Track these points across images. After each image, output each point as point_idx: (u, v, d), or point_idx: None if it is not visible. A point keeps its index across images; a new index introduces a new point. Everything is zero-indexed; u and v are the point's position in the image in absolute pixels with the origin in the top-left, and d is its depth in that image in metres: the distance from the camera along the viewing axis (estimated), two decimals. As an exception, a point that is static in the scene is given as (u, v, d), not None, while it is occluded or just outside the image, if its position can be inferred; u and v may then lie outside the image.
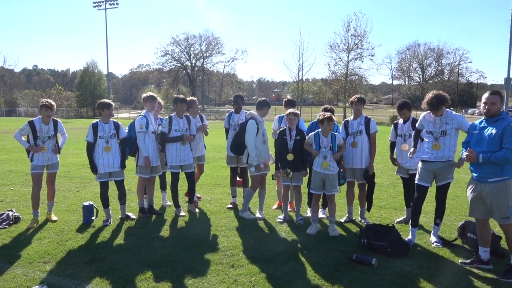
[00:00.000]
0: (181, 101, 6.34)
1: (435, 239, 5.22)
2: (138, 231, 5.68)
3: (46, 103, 5.89)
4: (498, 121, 4.19)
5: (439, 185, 5.12)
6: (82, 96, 69.74)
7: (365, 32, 50.77)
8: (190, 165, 6.48)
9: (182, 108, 6.35)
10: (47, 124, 5.94)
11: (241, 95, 7.30)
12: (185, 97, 6.62)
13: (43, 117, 5.91)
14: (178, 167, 6.40)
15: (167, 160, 6.42)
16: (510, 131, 4.04)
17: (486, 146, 4.21)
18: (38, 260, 4.63)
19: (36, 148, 5.85)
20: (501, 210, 4.18)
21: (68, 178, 9.67)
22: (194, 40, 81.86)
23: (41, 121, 5.91)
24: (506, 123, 4.11)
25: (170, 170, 6.42)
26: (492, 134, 4.16)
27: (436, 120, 4.97)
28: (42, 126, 5.90)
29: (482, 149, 4.24)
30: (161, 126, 6.34)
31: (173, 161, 6.32)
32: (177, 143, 6.28)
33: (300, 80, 59.26)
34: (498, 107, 4.22)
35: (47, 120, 5.92)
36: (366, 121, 5.99)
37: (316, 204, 5.78)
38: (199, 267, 4.44)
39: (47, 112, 5.86)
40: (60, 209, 6.76)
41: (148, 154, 6.16)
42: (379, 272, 4.32)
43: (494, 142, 4.14)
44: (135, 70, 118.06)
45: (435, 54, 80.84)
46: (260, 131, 6.14)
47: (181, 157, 6.32)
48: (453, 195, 7.55)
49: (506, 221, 4.19)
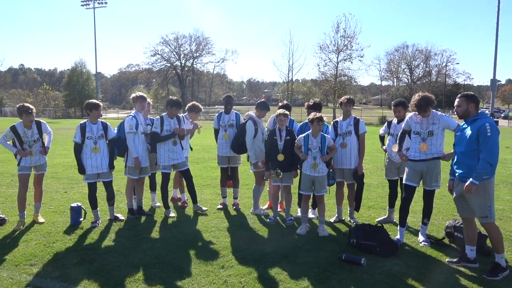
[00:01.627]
0: (177, 106, 6.33)
1: (423, 238, 5.29)
2: (127, 233, 5.63)
3: (24, 109, 5.69)
4: (475, 121, 4.29)
5: (426, 189, 5.22)
6: (70, 96, 68.86)
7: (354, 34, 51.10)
8: (184, 163, 6.47)
9: (175, 113, 6.34)
10: (30, 129, 5.81)
11: (231, 96, 7.29)
12: (178, 98, 6.58)
13: (25, 123, 5.77)
14: (170, 167, 6.37)
15: (158, 161, 6.38)
16: (483, 133, 4.12)
17: (464, 146, 4.33)
18: (25, 262, 4.55)
19: (24, 153, 5.75)
20: (480, 209, 4.27)
21: (56, 179, 9.54)
22: (184, 40, 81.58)
23: (23, 125, 5.78)
24: (480, 123, 4.19)
25: (162, 170, 6.38)
26: (469, 135, 4.27)
27: (423, 121, 5.05)
28: (25, 130, 5.78)
29: (461, 149, 4.36)
30: (154, 127, 6.29)
31: (165, 161, 6.29)
32: (169, 144, 6.26)
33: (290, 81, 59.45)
34: (463, 108, 4.35)
35: (29, 125, 5.79)
36: (355, 122, 6.04)
37: (306, 205, 5.80)
38: (189, 268, 4.42)
39: (28, 117, 5.70)
40: (47, 210, 6.67)
41: (138, 155, 6.12)
42: (368, 271, 4.36)
43: (471, 142, 4.24)
44: (124, 70, 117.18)
45: (423, 56, 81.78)
46: (259, 131, 6.34)
47: (172, 157, 6.30)
48: (441, 195, 7.65)
49: (486, 220, 4.27)
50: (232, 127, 6.79)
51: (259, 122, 6.42)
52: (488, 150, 4.08)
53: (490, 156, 4.07)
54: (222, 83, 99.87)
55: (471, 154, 4.21)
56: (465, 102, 4.35)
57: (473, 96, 4.40)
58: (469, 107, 4.34)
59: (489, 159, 4.08)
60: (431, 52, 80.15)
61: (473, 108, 4.34)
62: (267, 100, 9.81)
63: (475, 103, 4.35)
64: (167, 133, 6.23)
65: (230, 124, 6.79)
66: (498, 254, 4.30)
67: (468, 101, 4.34)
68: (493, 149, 4.08)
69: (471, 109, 4.34)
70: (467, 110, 4.35)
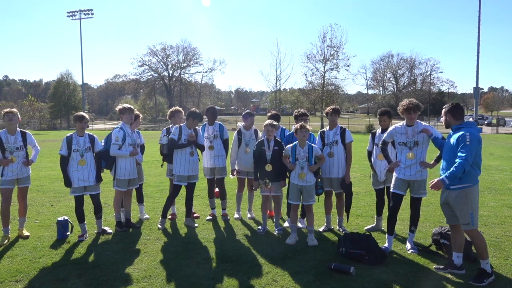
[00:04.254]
0: (198, 118, 6.37)
1: (411, 246, 5.35)
2: (115, 246, 5.56)
3: (7, 111, 5.82)
4: (459, 129, 4.44)
5: (413, 196, 5.30)
6: (56, 107, 67.96)
7: (340, 43, 52.03)
8: (196, 176, 6.51)
9: (194, 125, 6.36)
10: (13, 135, 5.77)
11: (214, 107, 7.33)
12: (200, 112, 6.58)
13: (8, 127, 5.76)
14: (186, 178, 6.37)
15: (174, 171, 6.36)
16: (463, 141, 4.27)
17: (448, 154, 4.49)
18: (10, 279, 4.46)
19: (5, 161, 5.67)
20: (462, 216, 4.38)
21: (41, 192, 9.38)
22: (172, 51, 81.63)
23: (7, 132, 5.75)
24: (461, 132, 4.35)
25: (177, 183, 6.37)
26: (453, 143, 4.42)
27: (408, 130, 5.15)
28: (8, 136, 5.73)
29: (446, 157, 4.55)
30: (172, 134, 6.31)
31: (181, 171, 6.30)
32: (186, 155, 6.29)
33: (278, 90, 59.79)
34: (444, 119, 4.65)
35: (11, 128, 5.75)
36: (342, 131, 6.12)
37: (294, 214, 5.82)
38: (178, 281, 4.39)
39: (7, 116, 5.71)
40: (33, 224, 6.55)
41: (126, 168, 6.10)
42: (357, 280, 4.38)
43: (453, 150, 4.40)
44: (111, 81, 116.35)
45: (408, 64, 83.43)
46: (243, 143, 6.74)
47: (189, 167, 6.34)
48: (427, 202, 7.75)
49: (468, 227, 4.37)
50: (217, 138, 6.83)
51: (243, 133, 6.75)
52: (463, 155, 4.20)
53: (464, 161, 4.19)
54: (210, 93, 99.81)
55: (454, 162, 4.32)
56: (444, 113, 4.64)
57: (449, 107, 4.62)
58: (447, 117, 4.59)
59: (463, 163, 4.19)
60: (416, 61, 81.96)
61: (451, 118, 4.56)
62: (254, 110, 9.94)
63: (451, 113, 4.56)
64: (184, 142, 6.28)
65: (215, 135, 6.83)
66: (483, 260, 4.37)
67: (445, 112, 4.62)
68: (468, 156, 4.19)
69: (449, 119, 4.58)
70: (447, 120, 4.62)
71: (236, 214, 7.07)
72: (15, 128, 5.82)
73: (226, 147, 6.94)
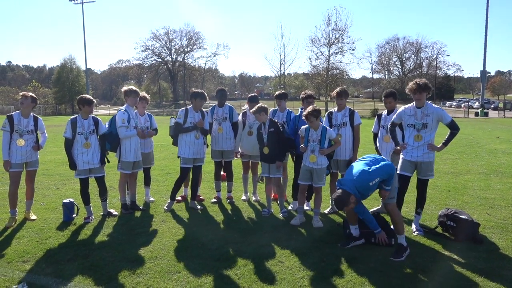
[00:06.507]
0: (200, 97, 6.30)
1: (416, 227, 5.33)
2: (120, 228, 5.59)
3: (21, 94, 5.86)
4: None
5: (420, 178, 5.25)
6: (60, 93, 68.03)
7: (345, 27, 51.04)
8: (202, 159, 6.51)
9: (200, 105, 6.33)
10: (26, 118, 5.80)
11: (224, 89, 7.24)
12: (203, 91, 6.52)
13: (22, 110, 5.78)
14: (191, 161, 6.36)
15: (179, 153, 6.35)
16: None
17: None
18: (17, 259, 4.50)
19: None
20: (392, 190, 4.62)
21: (47, 176, 9.43)
22: (175, 35, 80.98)
23: (20, 114, 5.77)
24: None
25: (183, 165, 6.36)
26: None
27: (417, 112, 5.07)
28: (21, 119, 5.76)
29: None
30: (177, 117, 6.29)
31: (186, 153, 6.29)
32: (191, 137, 6.26)
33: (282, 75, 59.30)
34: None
35: (25, 112, 5.77)
36: (351, 113, 6.04)
37: (302, 196, 5.78)
38: (184, 262, 4.41)
39: (20, 100, 5.74)
40: (39, 207, 6.59)
41: (132, 150, 6.09)
42: (363, 261, 4.38)
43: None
44: (114, 66, 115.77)
45: (414, 48, 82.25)
46: (247, 125, 6.71)
47: (194, 150, 6.31)
48: (433, 185, 7.71)
49: (393, 200, 4.62)
50: (226, 121, 6.75)
51: (248, 116, 6.71)
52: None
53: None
54: (214, 78, 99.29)
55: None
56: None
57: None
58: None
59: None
60: (422, 45, 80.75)
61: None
62: (259, 94, 9.88)
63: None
64: (190, 125, 6.24)
65: (224, 117, 6.75)
66: (400, 236, 4.55)
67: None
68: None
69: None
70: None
71: (244, 195, 7.10)
72: (29, 112, 5.83)
73: (236, 130, 6.83)
